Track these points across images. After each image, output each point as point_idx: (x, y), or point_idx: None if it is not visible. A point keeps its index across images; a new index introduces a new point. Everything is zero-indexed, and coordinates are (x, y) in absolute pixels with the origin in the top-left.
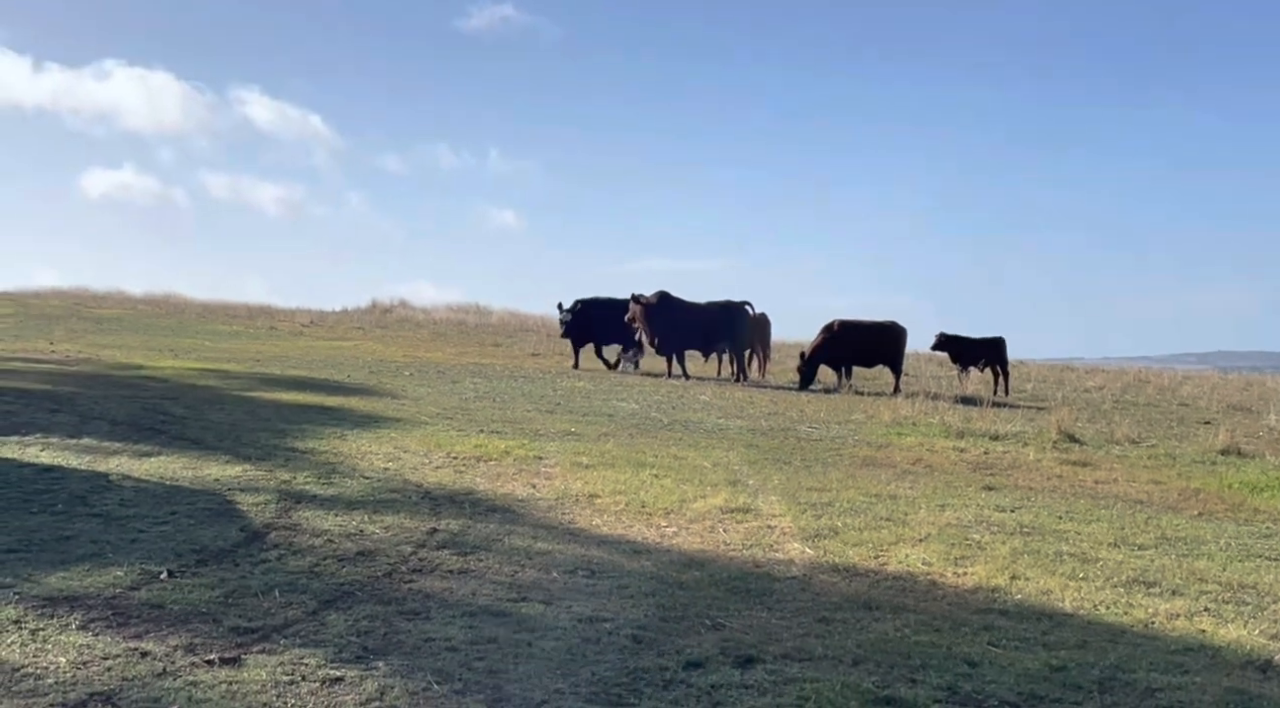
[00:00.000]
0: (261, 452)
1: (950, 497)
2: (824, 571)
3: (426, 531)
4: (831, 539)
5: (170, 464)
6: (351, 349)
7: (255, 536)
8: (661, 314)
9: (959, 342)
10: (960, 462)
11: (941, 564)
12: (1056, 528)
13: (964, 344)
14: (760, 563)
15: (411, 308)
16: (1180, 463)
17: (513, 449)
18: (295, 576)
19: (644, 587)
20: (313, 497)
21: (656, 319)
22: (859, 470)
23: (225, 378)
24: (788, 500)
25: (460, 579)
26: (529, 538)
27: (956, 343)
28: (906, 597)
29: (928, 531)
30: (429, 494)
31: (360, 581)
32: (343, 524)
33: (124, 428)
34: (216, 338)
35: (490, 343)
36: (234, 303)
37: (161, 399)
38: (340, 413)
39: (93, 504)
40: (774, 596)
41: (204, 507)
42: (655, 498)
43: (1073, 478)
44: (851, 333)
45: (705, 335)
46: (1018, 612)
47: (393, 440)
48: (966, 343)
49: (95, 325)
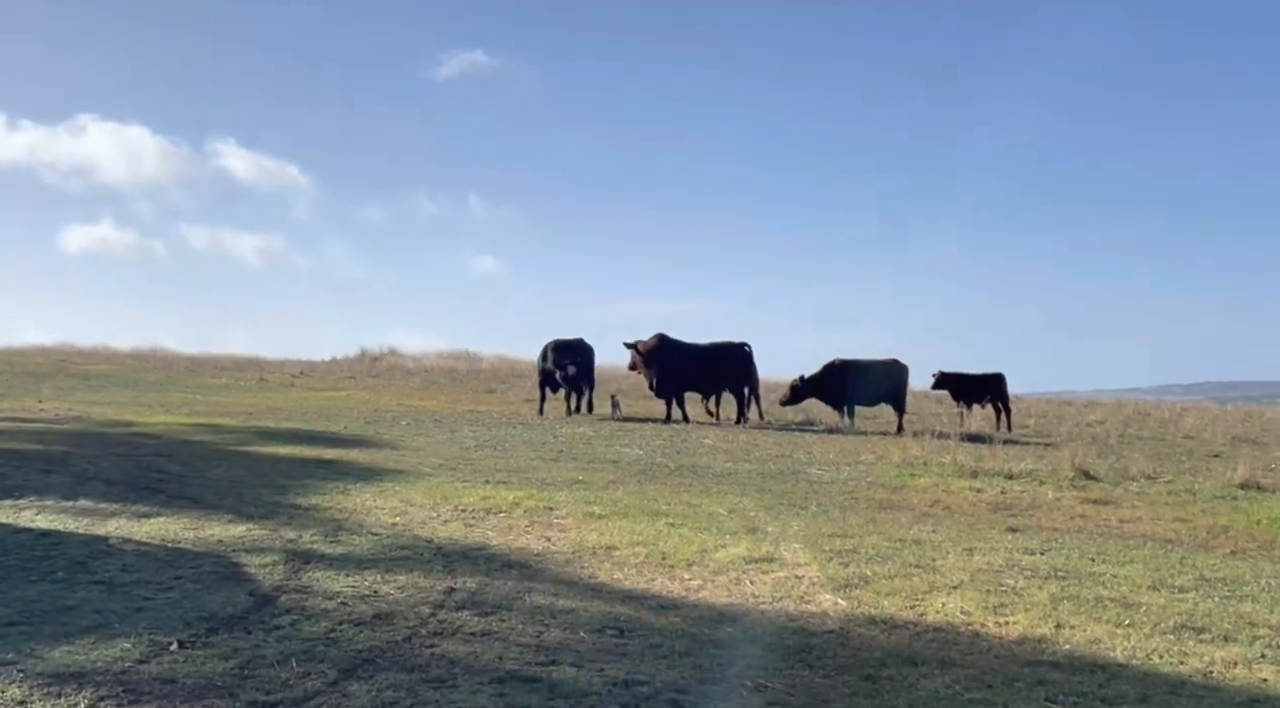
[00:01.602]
0: (264, 510)
1: (976, 540)
2: (861, 623)
3: (443, 590)
4: (863, 589)
5: (171, 525)
6: (345, 399)
7: (265, 600)
8: (659, 357)
9: (960, 379)
10: (979, 502)
11: (981, 613)
12: (1091, 571)
13: (965, 381)
14: (794, 616)
15: (401, 356)
16: (1201, 499)
17: (522, 500)
18: (312, 642)
19: (677, 645)
20: (321, 556)
21: (654, 362)
22: (877, 514)
23: (219, 433)
24: (811, 548)
25: (484, 642)
26: (550, 595)
27: (957, 380)
28: (951, 650)
29: (960, 577)
30: (441, 550)
31: (380, 646)
32: (355, 585)
33: (120, 488)
34: (207, 391)
35: (484, 390)
36: (222, 355)
37: (156, 457)
38: (341, 466)
39: (94, 570)
40: (813, 652)
41: (209, 570)
42: (675, 549)
43: (1096, 517)
44: (854, 371)
45: (705, 377)
46: (1069, 664)
47: (398, 494)
48: (967, 379)
49: (83, 382)
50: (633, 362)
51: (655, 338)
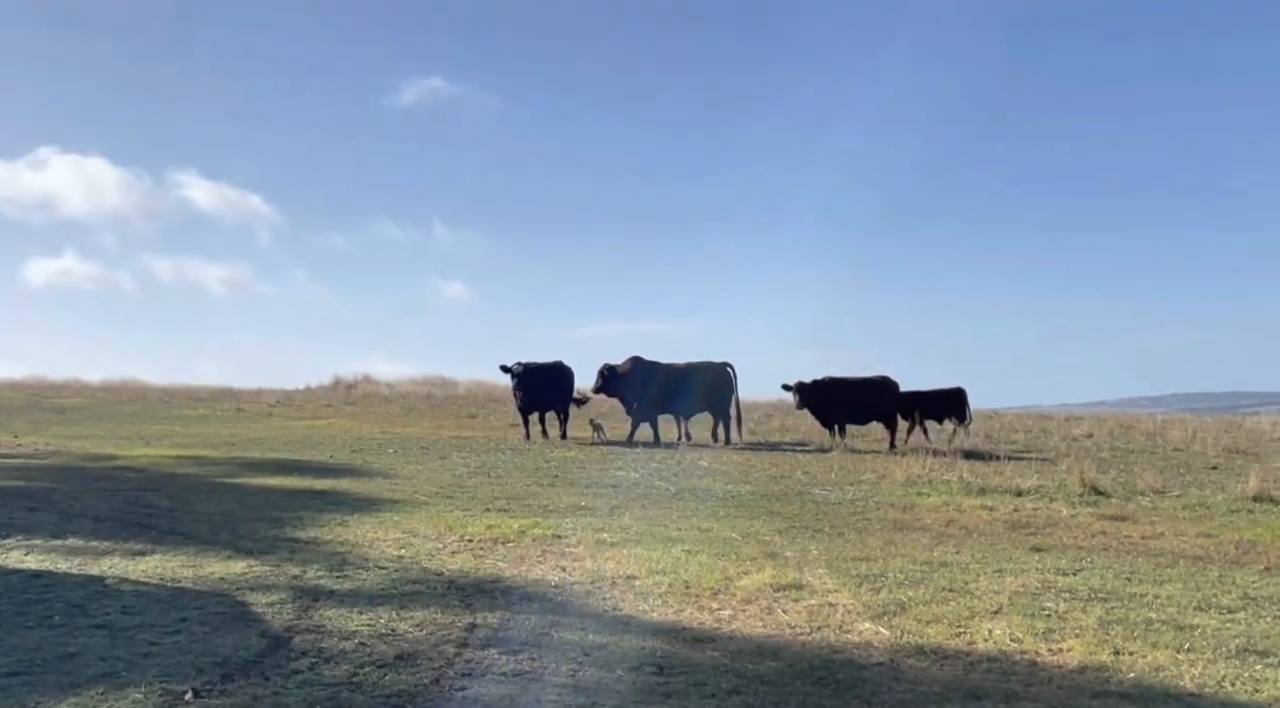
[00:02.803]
0: (262, 544)
1: (1003, 561)
2: (908, 653)
3: (464, 626)
4: (901, 616)
5: (168, 563)
6: (326, 428)
7: (278, 642)
8: (635, 379)
9: (921, 397)
10: (994, 521)
11: (1031, 640)
12: (1131, 592)
13: (925, 398)
14: (837, 648)
15: (376, 383)
16: (1217, 513)
17: (528, 529)
18: (335, 688)
19: (723, 683)
20: (330, 593)
21: (631, 384)
22: (895, 535)
23: (204, 465)
24: (837, 573)
25: (518, 683)
26: (578, 630)
27: (918, 398)
28: (1011, 682)
29: (998, 601)
30: (454, 584)
31: (407, 690)
32: (371, 623)
33: (109, 525)
34: (184, 422)
35: (465, 415)
36: (195, 386)
37: (142, 491)
38: (334, 497)
39: (93, 614)
40: (867, 686)
41: (215, 610)
42: (697, 577)
43: (1117, 534)
44: (842, 389)
45: (684, 398)
46: (1140, 695)
47: (398, 525)
48: (928, 397)
49: (58, 416)
50: (597, 385)
51: (630, 360)
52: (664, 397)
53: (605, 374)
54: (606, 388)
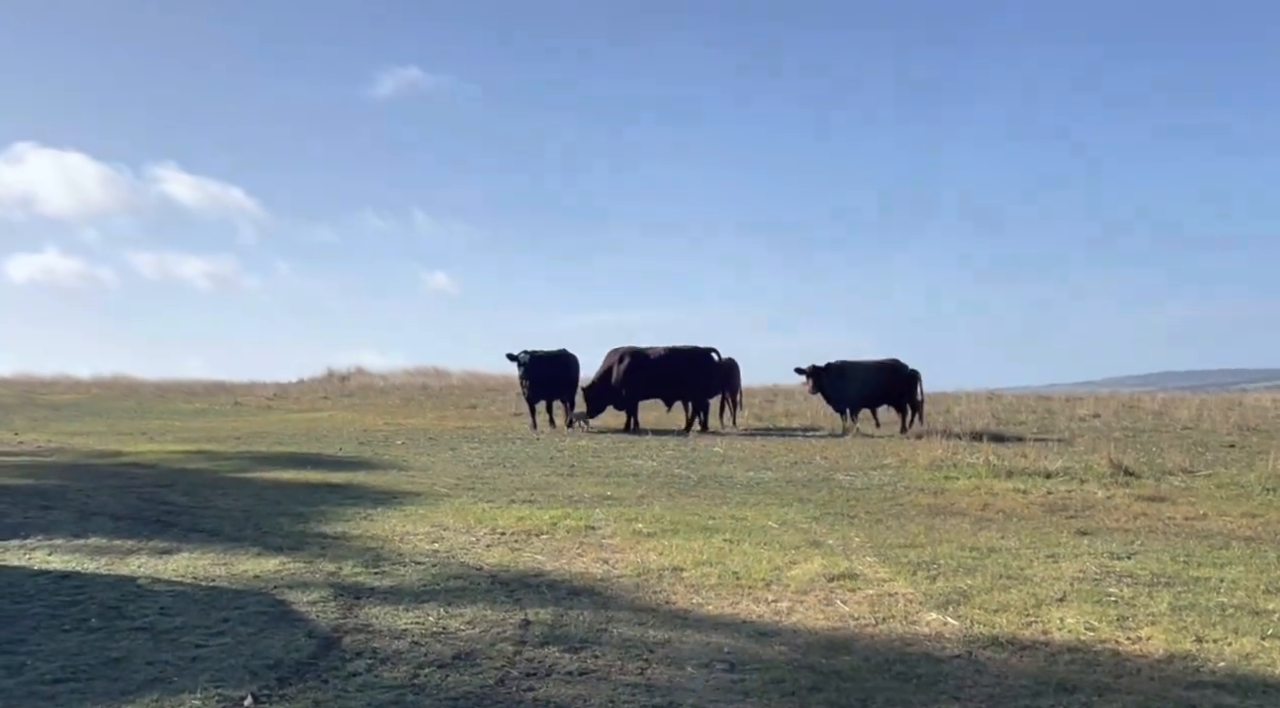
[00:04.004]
0: (290, 540)
1: (1052, 546)
2: (984, 645)
3: (518, 623)
4: (965, 605)
5: (198, 561)
6: (328, 421)
7: (329, 642)
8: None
9: None
10: (1030, 505)
11: (1107, 628)
12: (1193, 576)
13: None
14: (908, 640)
15: (369, 374)
16: (1253, 493)
17: (559, 520)
18: (399, 691)
19: (802, 680)
20: (371, 590)
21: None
22: (934, 521)
23: (213, 459)
24: (887, 562)
25: (587, 684)
26: (635, 625)
27: None
28: (1099, 673)
29: (1060, 588)
30: (496, 578)
31: (473, 692)
32: (420, 621)
33: (129, 522)
34: (183, 417)
35: (465, 405)
36: (188, 380)
37: (156, 487)
38: (353, 490)
39: (130, 615)
40: (952, 681)
41: (256, 610)
42: (745, 568)
43: (1158, 516)
44: (856, 373)
45: (667, 384)
46: (1236, 685)
47: (424, 518)
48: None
49: (54, 412)
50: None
51: (615, 350)
52: (647, 382)
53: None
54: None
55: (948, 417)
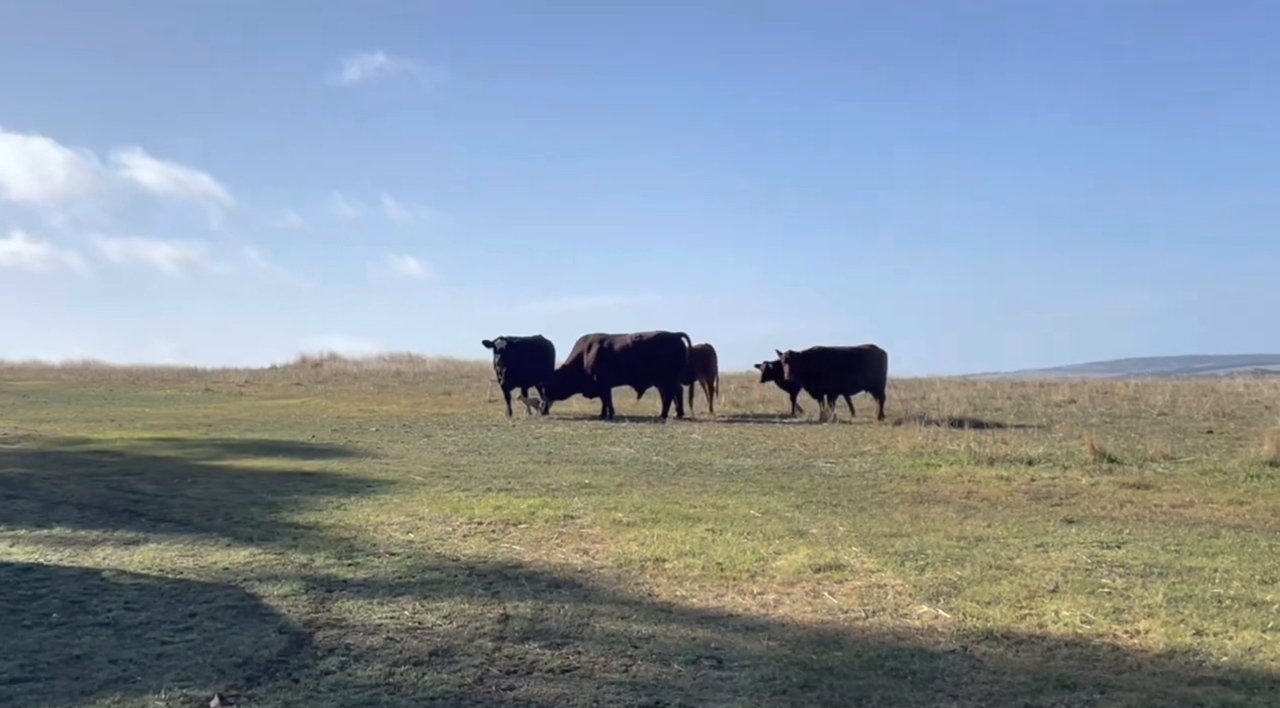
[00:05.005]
0: (261, 531)
1: (1040, 536)
2: (978, 639)
3: (496, 618)
4: (956, 597)
5: (164, 553)
6: (301, 407)
7: (300, 638)
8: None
9: None
10: (1014, 492)
11: (1104, 621)
12: (1186, 566)
13: None
14: (900, 634)
15: (343, 360)
16: (1237, 480)
17: (537, 509)
18: (373, 690)
19: (793, 677)
20: (344, 583)
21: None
22: (917, 509)
23: (183, 447)
24: (874, 552)
25: (569, 682)
26: (618, 619)
27: None
28: (1099, 669)
29: (1052, 579)
30: (473, 570)
31: (451, 692)
32: (395, 616)
33: (95, 512)
34: (154, 404)
35: (440, 392)
36: (158, 366)
37: (124, 476)
38: (326, 479)
39: (93, 610)
40: (948, 677)
41: (224, 605)
42: (729, 558)
43: (1144, 503)
44: (833, 358)
45: (637, 371)
46: (1241, 680)
47: (399, 507)
48: None
49: (21, 398)
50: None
51: (584, 338)
52: (617, 368)
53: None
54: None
55: (923, 403)
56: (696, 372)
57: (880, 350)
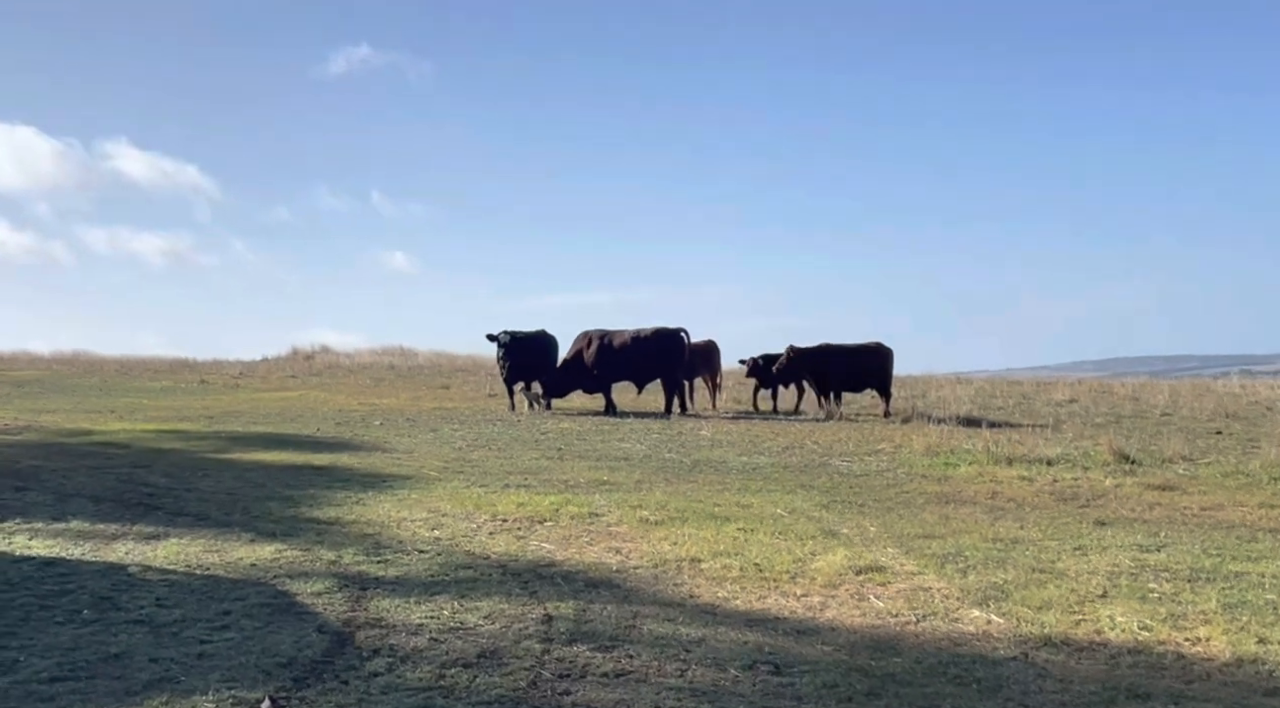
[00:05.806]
0: (283, 526)
1: (1076, 538)
2: (1037, 646)
3: (539, 618)
4: (1005, 602)
5: (188, 547)
6: (299, 400)
7: (341, 638)
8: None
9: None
10: (1039, 493)
11: (1163, 628)
12: (1232, 570)
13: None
14: (956, 640)
15: (335, 353)
16: (1262, 481)
17: (560, 506)
18: (425, 693)
19: (857, 684)
20: (377, 580)
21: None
22: (945, 510)
23: (188, 439)
24: (911, 554)
25: (625, 686)
26: (665, 621)
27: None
28: (1168, 678)
29: (1099, 583)
30: (506, 569)
31: (506, 695)
32: (434, 615)
33: (110, 506)
34: (151, 395)
35: (437, 386)
36: (151, 357)
37: (134, 468)
38: (339, 473)
39: (124, 606)
40: (1015, 685)
41: (258, 602)
42: (766, 559)
43: (1173, 506)
44: (840, 356)
45: (638, 366)
46: None
47: (419, 503)
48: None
49: (17, 389)
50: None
51: (584, 333)
52: (616, 364)
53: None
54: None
55: (925, 401)
56: (699, 368)
57: (887, 348)
